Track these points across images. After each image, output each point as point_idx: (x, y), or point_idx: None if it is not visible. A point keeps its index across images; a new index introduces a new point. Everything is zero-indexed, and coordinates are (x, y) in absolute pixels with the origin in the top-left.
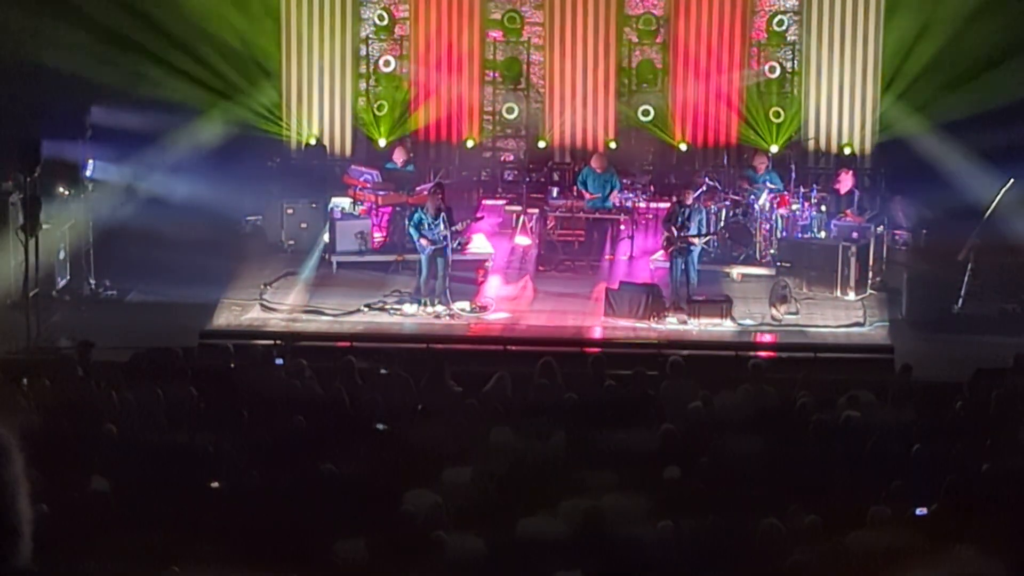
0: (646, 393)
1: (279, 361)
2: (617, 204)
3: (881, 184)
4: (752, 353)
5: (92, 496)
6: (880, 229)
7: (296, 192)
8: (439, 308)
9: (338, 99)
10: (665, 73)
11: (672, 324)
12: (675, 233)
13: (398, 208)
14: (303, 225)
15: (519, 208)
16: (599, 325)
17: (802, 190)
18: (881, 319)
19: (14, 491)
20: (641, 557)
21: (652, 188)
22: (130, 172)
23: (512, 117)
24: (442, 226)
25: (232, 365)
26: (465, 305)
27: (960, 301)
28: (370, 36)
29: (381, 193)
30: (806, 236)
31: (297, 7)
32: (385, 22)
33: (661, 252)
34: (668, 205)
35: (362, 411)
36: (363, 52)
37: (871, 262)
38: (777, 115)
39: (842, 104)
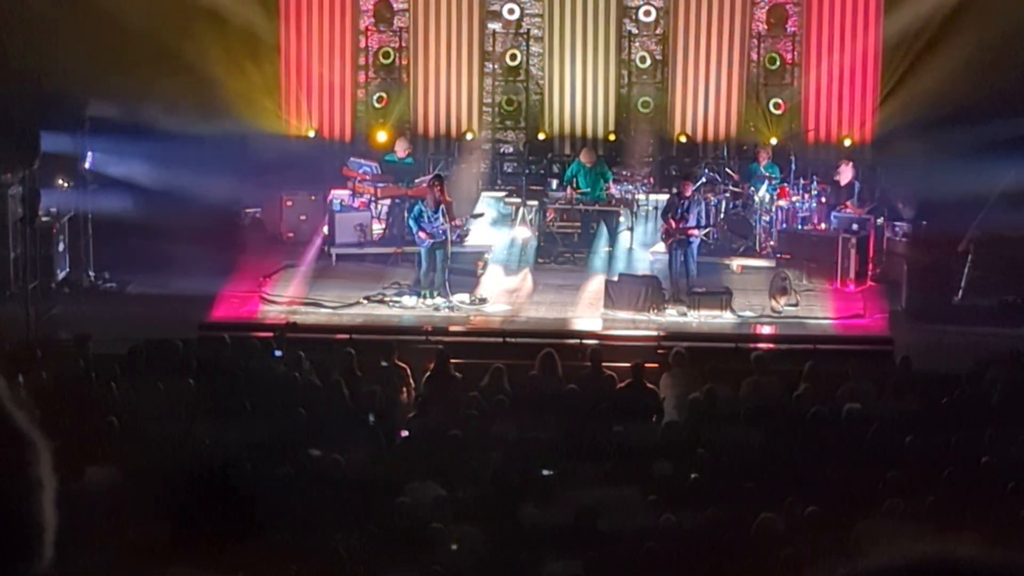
0: (645, 385)
1: (278, 353)
2: (617, 196)
3: (881, 176)
4: (754, 345)
5: (91, 488)
6: (880, 221)
7: (295, 184)
8: (438, 300)
9: (337, 91)
10: (665, 65)
11: (672, 316)
12: (674, 225)
13: (397, 200)
14: (302, 217)
15: (518, 200)
16: (598, 317)
17: (802, 182)
18: (881, 311)
19: (39, 493)
20: (640, 549)
21: (651, 180)
22: (129, 164)
23: (511, 109)
24: (441, 219)
25: (230, 357)
26: (464, 297)
27: (960, 293)
28: (369, 28)
29: (380, 185)
30: (806, 228)
31: None
32: (384, 14)
33: (661, 244)
34: (667, 197)
35: (361, 403)
36: (362, 44)
37: (871, 254)
38: (777, 107)
39: (842, 95)
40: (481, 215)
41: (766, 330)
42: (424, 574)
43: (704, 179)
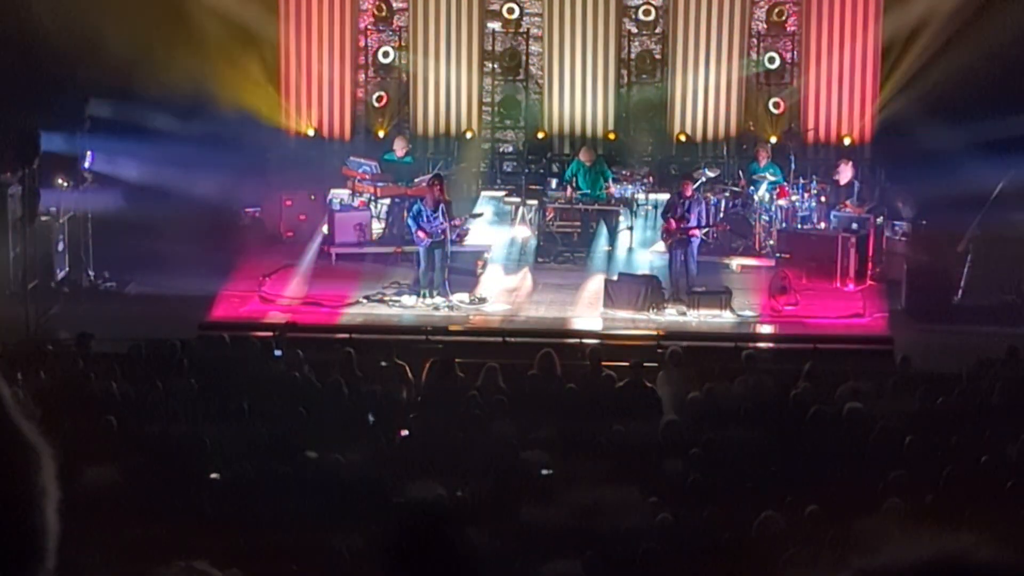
0: (645, 385)
1: (277, 353)
2: (616, 195)
3: (881, 175)
4: (752, 345)
5: (90, 489)
6: (880, 220)
7: (295, 184)
8: (438, 300)
9: (337, 90)
10: (664, 64)
11: (671, 315)
12: (674, 225)
13: (397, 200)
14: (301, 217)
15: (518, 199)
16: (598, 316)
17: (801, 181)
18: (880, 310)
19: (43, 501)
20: (640, 548)
21: (651, 179)
22: (128, 164)
23: (511, 108)
24: (440, 218)
25: (230, 357)
26: (464, 297)
27: (960, 292)
28: (369, 27)
29: (380, 185)
30: (805, 227)
31: None
32: (384, 13)
33: (660, 243)
34: (667, 196)
35: (361, 403)
36: (362, 43)
37: (870, 253)
38: (776, 106)
39: (842, 94)
40: (480, 215)
41: (766, 329)
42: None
43: (704, 179)
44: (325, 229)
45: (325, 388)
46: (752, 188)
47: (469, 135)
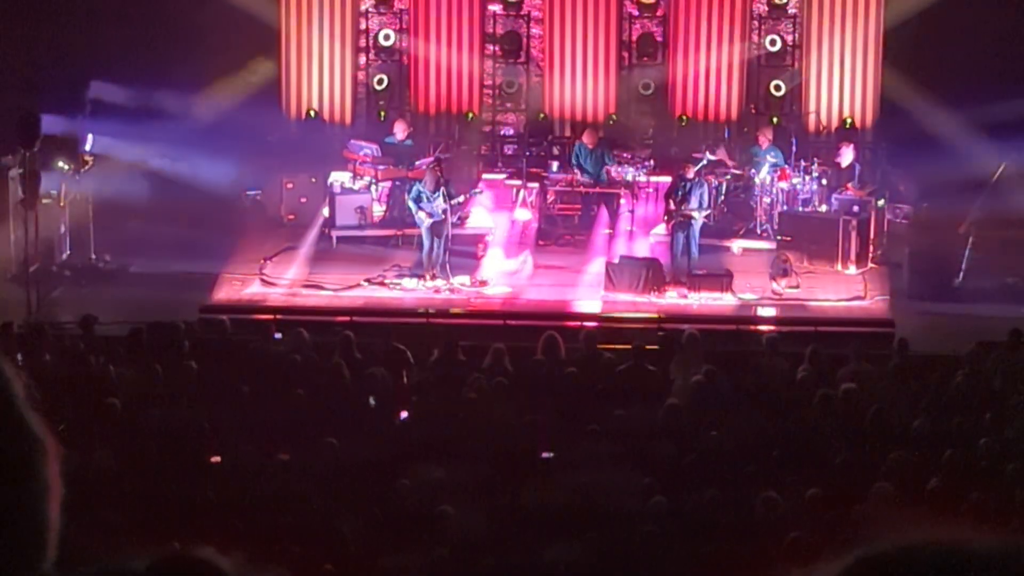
0: (646, 367)
1: (278, 335)
2: (618, 178)
3: (882, 157)
4: (756, 328)
5: (92, 471)
6: (881, 202)
7: (296, 166)
8: (439, 282)
9: (337, 73)
10: (665, 46)
11: (672, 298)
12: (675, 207)
13: (398, 183)
14: (303, 199)
15: (519, 182)
16: (599, 299)
17: (803, 163)
18: (882, 293)
19: (47, 496)
20: (640, 531)
21: (653, 162)
22: (129, 147)
23: (512, 91)
24: (441, 200)
25: (231, 339)
26: (465, 279)
27: (961, 275)
28: (369, 9)
29: (381, 168)
30: (807, 210)
31: None
32: None
33: (662, 226)
34: (669, 179)
35: (361, 385)
36: (362, 25)
37: (872, 236)
38: (778, 88)
39: (843, 77)
40: (480, 192)
41: (766, 312)
42: (426, 556)
43: (706, 161)
44: (326, 212)
45: (326, 371)
46: (753, 171)
47: (470, 118)
